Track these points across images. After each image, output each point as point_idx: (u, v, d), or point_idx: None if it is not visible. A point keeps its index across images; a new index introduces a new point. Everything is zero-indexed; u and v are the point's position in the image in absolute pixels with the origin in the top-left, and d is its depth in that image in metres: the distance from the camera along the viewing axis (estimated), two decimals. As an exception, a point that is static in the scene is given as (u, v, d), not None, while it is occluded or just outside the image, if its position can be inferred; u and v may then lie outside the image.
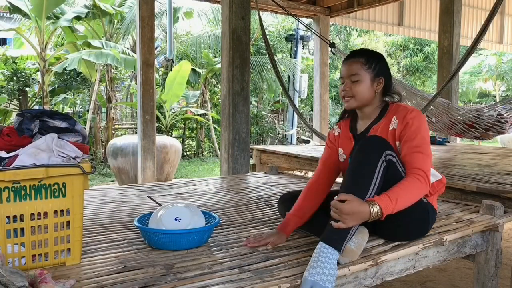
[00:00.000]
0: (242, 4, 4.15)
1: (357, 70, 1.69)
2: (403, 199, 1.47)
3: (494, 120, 4.32)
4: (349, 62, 1.73)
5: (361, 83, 1.68)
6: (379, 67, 1.71)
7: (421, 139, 1.61)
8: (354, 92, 1.69)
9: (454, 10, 5.39)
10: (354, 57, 1.73)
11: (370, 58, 1.71)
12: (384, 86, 1.73)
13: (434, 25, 7.12)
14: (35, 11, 8.51)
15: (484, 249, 1.96)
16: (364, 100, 1.71)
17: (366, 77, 1.69)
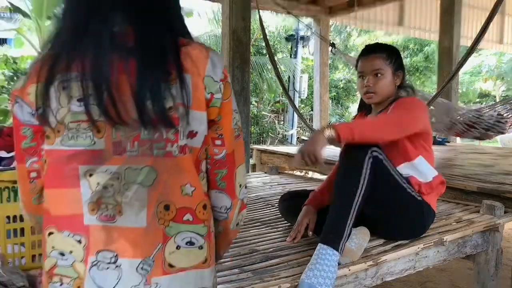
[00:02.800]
0: (243, 4, 4.15)
1: (379, 65, 1.69)
2: (366, 128, 1.49)
3: (494, 120, 4.32)
4: (370, 57, 1.72)
5: (384, 78, 1.69)
6: (399, 61, 1.74)
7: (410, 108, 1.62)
8: (377, 87, 1.69)
9: (455, 10, 5.39)
10: (375, 52, 1.73)
11: (391, 52, 1.72)
12: (403, 79, 1.76)
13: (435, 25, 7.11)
14: (36, 11, 8.51)
15: (484, 249, 1.96)
16: (386, 95, 1.72)
17: (388, 72, 1.70)
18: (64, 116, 0.74)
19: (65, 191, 0.75)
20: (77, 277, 0.74)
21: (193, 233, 0.78)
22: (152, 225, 0.75)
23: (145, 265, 0.74)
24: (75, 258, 0.74)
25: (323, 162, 1.38)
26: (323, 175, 4.00)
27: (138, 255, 0.74)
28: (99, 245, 0.74)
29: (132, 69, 0.73)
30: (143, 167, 0.75)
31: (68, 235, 0.74)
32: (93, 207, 0.74)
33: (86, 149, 0.74)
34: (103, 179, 0.74)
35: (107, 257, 0.73)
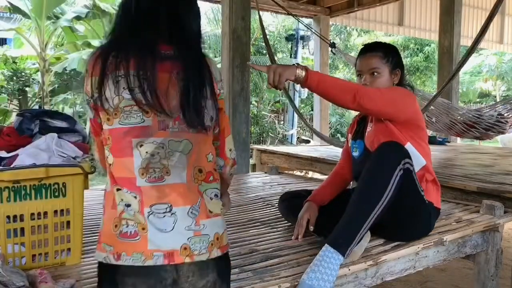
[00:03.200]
0: (242, 4, 4.15)
1: (376, 64, 1.68)
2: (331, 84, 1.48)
3: (495, 120, 4.32)
4: (367, 56, 1.72)
5: (381, 77, 1.69)
6: (396, 59, 1.73)
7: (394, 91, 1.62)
8: (374, 86, 1.68)
9: (455, 10, 5.39)
10: (372, 51, 1.73)
11: (388, 51, 1.71)
12: (401, 78, 1.75)
13: (435, 25, 7.12)
14: (35, 11, 8.51)
15: (484, 249, 1.96)
16: None
17: (385, 71, 1.69)
18: (119, 103, 0.98)
19: (124, 159, 0.99)
20: (139, 222, 0.96)
21: (215, 189, 1.06)
22: (190, 183, 1.01)
23: (194, 210, 0.99)
24: (135, 209, 0.97)
25: (282, 88, 1.46)
26: (323, 175, 4.00)
27: (188, 203, 0.99)
28: (152, 200, 0.97)
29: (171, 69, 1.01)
30: (183, 140, 1.02)
31: (127, 192, 0.98)
32: (143, 171, 0.98)
33: (137, 126, 0.98)
34: (151, 148, 0.98)
35: (161, 208, 0.97)
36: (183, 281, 0.97)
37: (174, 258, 0.96)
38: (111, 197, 1.00)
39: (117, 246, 0.96)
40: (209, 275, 1.01)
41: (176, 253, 0.96)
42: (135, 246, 0.95)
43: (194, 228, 0.98)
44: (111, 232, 0.98)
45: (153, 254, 0.95)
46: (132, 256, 0.94)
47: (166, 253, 0.95)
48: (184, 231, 0.97)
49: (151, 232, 0.96)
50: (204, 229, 1.00)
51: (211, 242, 1.00)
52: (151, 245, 0.95)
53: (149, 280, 0.95)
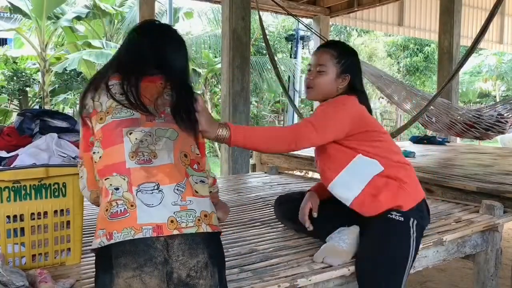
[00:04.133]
0: (242, 4, 4.16)
1: (325, 61, 1.61)
2: (259, 138, 1.41)
3: (494, 120, 4.32)
4: (320, 52, 1.66)
5: (325, 76, 1.61)
6: (349, 63, 1.63)
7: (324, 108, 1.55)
8: (315, 83, 1.62)
9: (454, 10, 5.39)
10: (327, 47, 1.68)
11: (342, 52, 1.64)
12: (350, 84, 1.64)
13: (434, 25, 7.12)
14: (36, 11, 8.51)
15: (484, 249, 1.96)
16: (324, 94, 1.63)
17: (332, 71, 1.61)
18: (111, 103, 1.14)
19: (115, 147, 1.09)
20: (127, 200, 1.03)
21: (201, 177, 1.14)
22: (178, 164, 1.10)
23: (179, 187, 1.07)
24: (123, 189, 1.05)
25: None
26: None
27: (174, 181, 1.07)
28: (140, 180, 1.05)
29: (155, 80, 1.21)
30: (169, 128, 1.14)
31: (117, 175, 1.06)
32: (132, 155, 1.07)
33: (127, 118, 1.12)
34: (139, 135, 1.10)
35: (149, 186, 1.05)
36: (174, 260, 1.00)
37: (162, 231, 1.00)
38: (103, 191, 1.08)
39: (109, 227, 1.01)
40: (199, 255, 1.03)
41: (164, 225, 1.00)
42: (125, 223, 1.00)
43: (180, 203, 1.05)
44: (103, 217, 1.03)
45: (142, 228, 0.99)
46: (122, 232, 0.99)
47: (155, 225, 1.00)
48: (171, 206, 1.03)
49: (139, 207, 1.01)
50: (190, 204, 1.06)
51: (197, 218, 1.05)
52: (140, 219, 1.00)
53: (139, 258, 0.98)
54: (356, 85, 1.64)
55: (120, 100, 1.13)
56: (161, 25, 1.36)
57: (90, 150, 1.16)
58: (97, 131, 1.13)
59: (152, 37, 1.28)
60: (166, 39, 1.31)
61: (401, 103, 5.15)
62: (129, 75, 1.17)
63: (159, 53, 1.25)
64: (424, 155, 4.22)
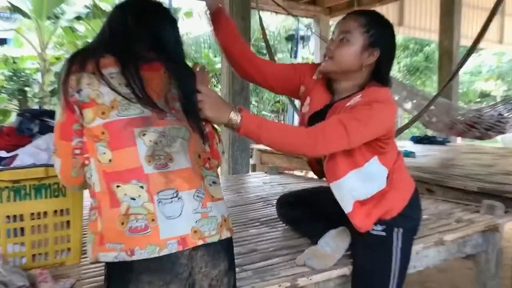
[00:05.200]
0: (242, 4, 4.15)
1: (350, 27, 1.35)
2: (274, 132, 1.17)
3: (495, 120, 4.32)
4: (346, 18, 1.39)
5: (348, 46, 1.34)
6: (381, 35, 1.35)
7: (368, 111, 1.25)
8: (336, 52, 1.35)
9: (455, 10, 5.39)
10: (357, 14, 1.40)
11: (373, 21, 1.36)
12: (378, 63, 1.36)
13: (435, 25, 7.11)
14: (36, 11, 8.51)
15: (484, 249, 1.96)
16: (345, 67, 1.35)
17: (358, 41, 1.33)
18: (115, 97, 1.00)
19: (128, 149, 0.99)
20: (147, 213, 0.96)
21: (213, 177, 1.09)
22: (194, 166, 1.04)
23: (199, 193, 1.02)
24: (143, 200, 0.97)
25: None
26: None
27: (193, 187, 1.01)
28: (159, 187, 0.98)
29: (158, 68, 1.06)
30: (181, 127, 1.05)
31: (134, 183, 0.97)
32: (149, 159, 0.99)
33: (138, 117, 1.01)
34: (153, 137, 1.00)
35: (168, 194, 0.98)
36: (197, 271, 0.99)
37: (187, 243, 0.97)
38: (106, 198, 0.98)
39: (128, 243, 0.95)
40: (221, 264, 1.02)
41: (187, 237, 0.97)
42: (148, 239, 0.95)
43: (201, 211, 1.00)
44: (118, 230, 0.96)
45: (167, 243, 0.95)
46: (146, 249, 0.94)
47: (179, 239, 0.96)
48: (192, 215, 0.99)
49: (161, 221, 0.96)
50: (211, 211, 1.02)
51: (219, 224, 1.03)
52: (163, 234, 0.95)
53: (165, 276, 0.95)
54: (384, 65, 1.38)
55: (125, 94, 1.00)
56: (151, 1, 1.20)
57: (71, 140, 1.03)
58: (96, 126, 0.99)
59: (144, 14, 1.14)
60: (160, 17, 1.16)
61: (402, 103, 5.15)
62: (125, 60, 1.03)
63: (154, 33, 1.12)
64: (425, 155, 4.22)
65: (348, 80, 1.39)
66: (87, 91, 1.00)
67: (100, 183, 0.99)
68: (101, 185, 0.99)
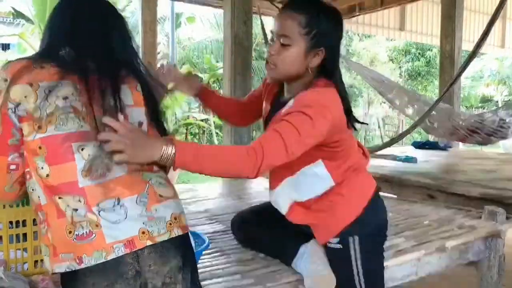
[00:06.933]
0: (244, 9, 4.17)
1: (289, 30, 1.21)
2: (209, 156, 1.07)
3: (497, 126, 4.31)
4: (284, 15, 1.25)
5: (289, 51, 1.23)
6: (324, 34, 1.22)
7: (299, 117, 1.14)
8: (278, 59, 1.24)
9: (456, 15, 5.40)
10: (294, 9, 1.23)
11: (314, 18, 1.21)
12: (325, 61, 1.25)
13: (436, 29, 7.12)
14: (39, 16, 8.56)
15: (487, 255, 1.96)
16: (290, 73, 1.27)
17: (299, 44, 1.22)
18: (53, 110, 0.96)
19: (66, 165, 0.96)
20: (90, 221, 0.94)
21: (160, 179, 1.05)
22: (133, 173, 1.00)
23: (142, 198, 0.99)
24: (84, 211, 0.95)
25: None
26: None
27: (134, 192, 0.99)
28: (97, 199, 0.95)
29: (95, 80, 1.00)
30: None
31: (70, 197, 0.95)
32: (86, 173, 0.96)
33: (76, 131, 0.97)
34: (92, 150, 0.97)
35: (110, 203, 0.96)
36: (146, 270, 0.97)
37: (135, 245, 0.95)
38: (53, 209, 0.96)
39: (77, 251, 0.94)
40: (171, 261, 1.00)
41: (135, 238, 0.95)
42: (94, 245, 0.94)
43: (146, 214, 0.98)
44: (66, 239, 0.94)
45: (113, 247, 0.94)
46: (93, 255, 0.93)
47: (125, 242, 0.95)
48: (137, 218, 0.97)
49: (104, 226, 0.94)
50: (157, 213, 1.00)
51: (168, 222, 1.01)
52: (109, 239, 0.94)
53: (109, 275, 0.94)
54: (330, 63, 1.26)
55: (63, 107, 0.96)
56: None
57: (7, 155, 0.99)
58: (33, 141, 0.96)
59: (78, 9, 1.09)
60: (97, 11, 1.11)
61: (403, 108, 5.15)
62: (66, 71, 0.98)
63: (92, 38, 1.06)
64: (426, 161, 4.22)
65: (297, 80, 1.30)
66: (24, 104, 0.96)
67: (45, 196, 0.97)
68: (46, 197, 0.97)
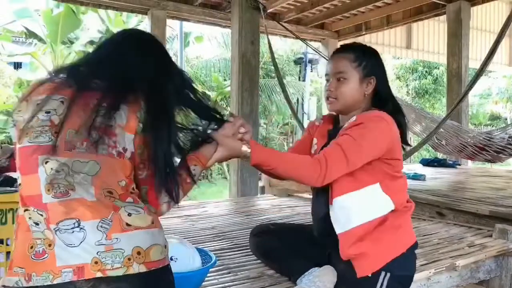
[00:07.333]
0: (252, 29, 4.24)
1: (343, 67, 1.44)
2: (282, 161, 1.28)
3: (506, 143, 4.28)
4: (335, 58, 1.49)
5: (348, 84, 1.43)
6: (371, 64, 1.46)
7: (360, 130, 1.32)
8: (338, 93, 1.44)
9: (462, 33, 5.42)
10: (343, 51, 1.50)
11: (361, 54, 1.46)
12: (376, 88, 1.46)
13: (443, 47, 7.14)
14: (51, 36, 8.76)
15: (498, 274, 1.92)
16: (350, 102, 1.45)
17: (354, 76, 1.43)
18: (33, 123, 1.00)
19: (30, 176, 0.98)
20: (46, 238, 0.93)
21: (135, 208, 0.99)
22: (101, 199, 0.96)
23: (104, 224, 0.94)
24: (43, 227, 0.94)
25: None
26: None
27: (96, 217, 0.94)
28: (58, 216, 0.93)
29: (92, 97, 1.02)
30: (89, 161, 0.98)
31: (34, 210, 0.95)
32: (49, 187, 0.95)
33: (45, 144, 0.98)
34: (55, 165, 0.96)
35: (69, 224, 0.93)
36: None
37: (84, 273, 0.90)
38: (24, 220, 0.97)
39: (29, 267, 0.92)
40: None
41: (86, 267, 0.90)
42: (44, 265, 0.91)
43: (104, 243, 0.92)
44: (26, 254, 0.94)
45: (61, 271, 0.90)
46: (42, 275, 0.90)
47: (75, 268, 0.90)
48: (94, 246, 0.92)
49: (58, 248, 0.91)
50: (117, 243, 0.93)
51: (127, 257, 0.93)
52: (60, 262, 0.90)
53: None
54: (382, 88, 1.47)
55: (43, 120, 1.00)
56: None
57: None
58: (16, 150, 1.03)
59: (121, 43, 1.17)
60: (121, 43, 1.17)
61: (411, 126, 5.14)
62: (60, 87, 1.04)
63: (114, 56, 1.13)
64: (435, 178, 4.18)
65: (354, 109, 1.47)
66: (15, 117, 1.05)
67: (20, 206, 1.00)
68: (21, 208, 1.00)
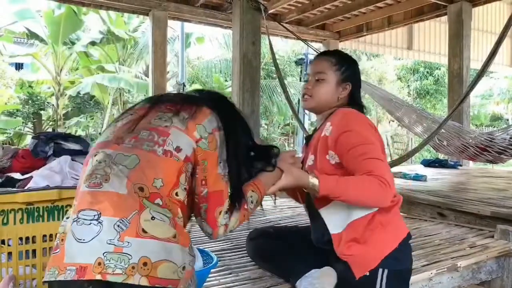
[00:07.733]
0: (253, 29, 4.24)
1: (324, 68, 1.52)
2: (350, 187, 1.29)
3: (507, 144, 4.27)
4: (318, 59, 1.59)
5: (325, 84, 1.50)
6: (350, 71, 1.54)
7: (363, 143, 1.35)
8: (314, 91, 1.51)
9: (463, 34, 5.41)
10: (326, 55, 1.61)
11: (342, 60, 1.55)
12: (350, 94, 1.53)
13: (444, 48, 7.14)
14: (52, 37, 8.78)
15: (499, 275, 1.92)
16: (323, 103, 1.51)
17: (331, 78, 1.50)
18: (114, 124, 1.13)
19: (84, 168, 1.05)
20: (62, 232, 0.95)
21: (161, 214, 0.96)
22: (131, 194, 0.95)
23: (121, 224, 0.91)
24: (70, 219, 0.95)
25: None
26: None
27: (117, 215, 0.92)
28: (83, 205, 0.94)
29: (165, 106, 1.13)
30: (131, 154, 1.01)
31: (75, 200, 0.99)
32: (88, 177, 0.99)
33: (104, 140, 1.08)
34: (101, 156, 1.02)
35: (90, 214, 0.92)
36: None
37: (85, 274, 0.87)
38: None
39: (49, 262, 0.94)
40: None
41: (89, 267, 0.87)
42: (55, 260, 0.92)
43: (116, 243, 0.89)
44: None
45: (66, 268, 0.89)
46: (50, 270, 0.91)
47: (78, 267, 0.88)
48: (105, 244, 0.89)
49: (68, 243, 0.91)
50: (128, 247, 0.89)
51: (132, 265, 0.88)
52: (67, 258, 0.90)
53: None
54: (356, 96, 1.55)
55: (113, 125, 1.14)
56: None
57: None
58: None
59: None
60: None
61: (412, 126, 5.13)
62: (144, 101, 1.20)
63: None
64: (436, 179, 4.18)
65: (325, 110, 1.54)
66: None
67: None
68: None
